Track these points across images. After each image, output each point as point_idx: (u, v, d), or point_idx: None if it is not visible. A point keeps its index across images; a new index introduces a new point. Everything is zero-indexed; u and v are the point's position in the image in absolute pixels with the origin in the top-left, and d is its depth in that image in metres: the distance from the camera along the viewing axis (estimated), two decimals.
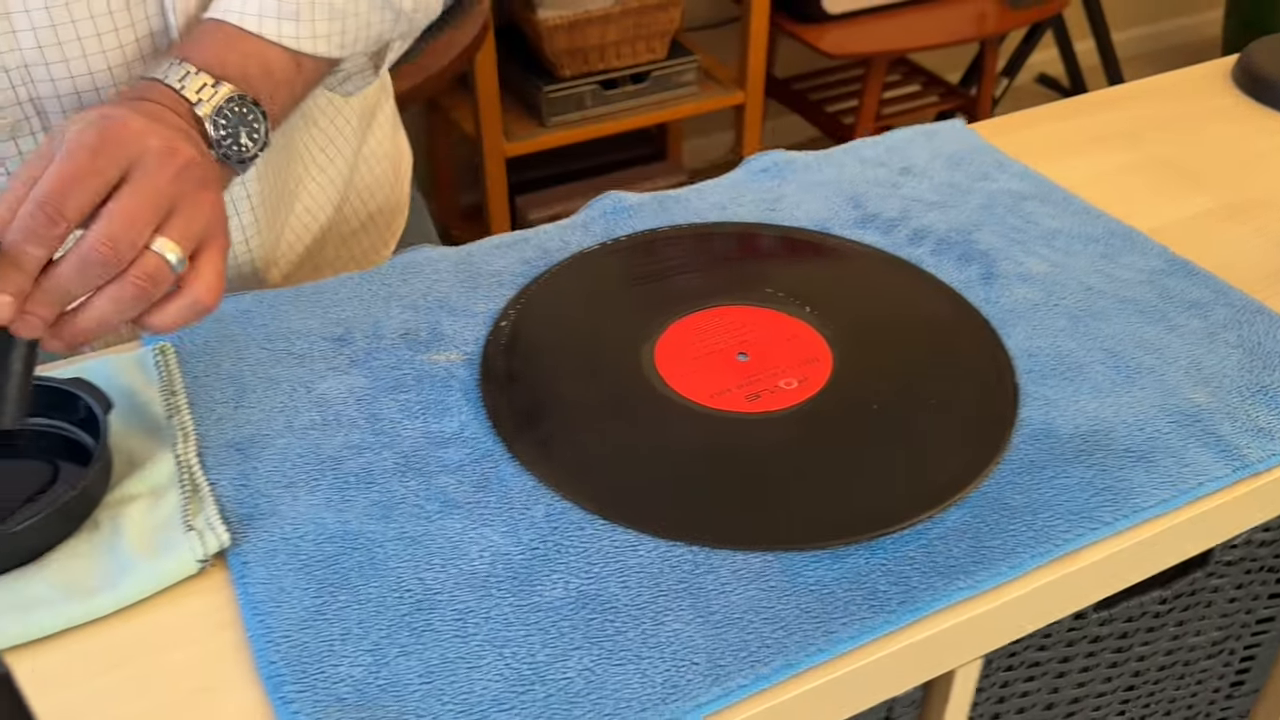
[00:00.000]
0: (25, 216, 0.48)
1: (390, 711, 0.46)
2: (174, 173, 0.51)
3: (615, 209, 0.77)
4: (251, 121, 0.58)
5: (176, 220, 0.52)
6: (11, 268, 0.49)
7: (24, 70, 0.59)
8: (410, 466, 0.58)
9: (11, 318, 0.49)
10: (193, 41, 0.59)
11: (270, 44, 0.60)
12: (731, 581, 0.51)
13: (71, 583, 0.51)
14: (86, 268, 0.49)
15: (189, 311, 0.53)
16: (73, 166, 0.49)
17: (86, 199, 0.49)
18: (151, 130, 0.52)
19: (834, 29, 2.08)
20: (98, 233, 0.49)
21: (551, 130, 1.99)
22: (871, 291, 0.70)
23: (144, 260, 0.50)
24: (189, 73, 0.57)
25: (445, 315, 0.68)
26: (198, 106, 0.57)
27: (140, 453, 0.58)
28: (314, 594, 0.51)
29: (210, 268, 0.54)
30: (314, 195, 0.79)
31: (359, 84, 0.71)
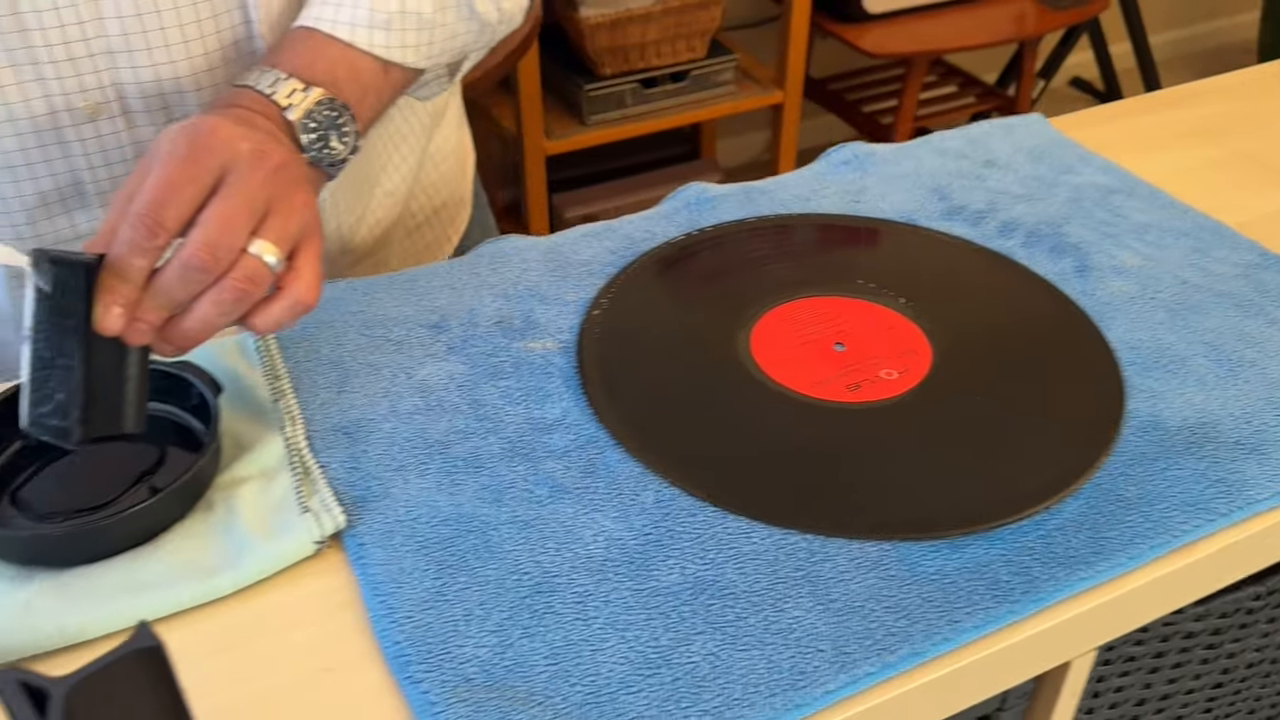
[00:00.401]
0: (127, 229, 0.49)
1: (519, 692, 0.46)
2: (266, 175, 0.52)
3: (699, 200, 0.77)
4: (341, 125, 0.58)
5: (273, 221, 0.52)
6: (118, 279, 0.49)
7: (109, 56, 0.60)
8: (517, 452, 0.58)
9: (123, 327, 0.50)
10: (282, 49, 0.60)
11: (360, 53, 0.60)
12: (850, 570, 0.51)
13: (190, 563, 0.51)
14: (188, 274, 0.50)
15: (291, 311, 0.54)
16: (168, 177, 0.50)
17: (184, 208, 0.50)
18: (242, 135, 0.52)
19: (874, 29, 2.08)
20: (196, 240, 0.50)
21: (591, 129, 1.99)
22: (966, 283, 0.69)
23: (243, 263, 0.51)
24: (279, 78, 0.57)
25: (537, 303, 0.68)
26: (288, 111, 0.57)
27: (247, 435, 0.58)
28: (433, 575, 0.51)
29: (309, 267, 0.54)
30: (386, 190, 0.79)
31: (435, 90, 0.71)
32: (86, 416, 0.51)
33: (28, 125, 0.60)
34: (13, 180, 0.62)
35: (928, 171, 0.79)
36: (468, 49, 0.67)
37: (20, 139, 0.60)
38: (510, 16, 0.68)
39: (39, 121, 0.60)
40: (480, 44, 0.68)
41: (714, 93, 2.04)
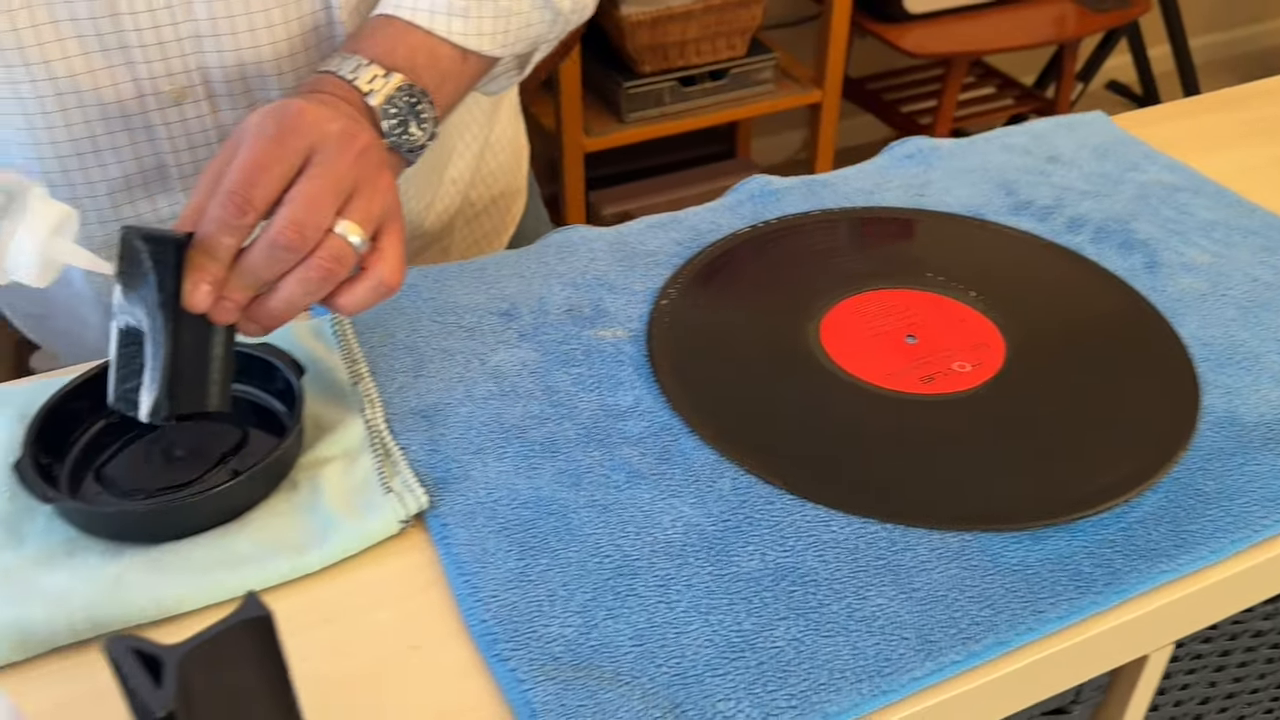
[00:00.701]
0: (216, 207, 0.49)
1: (605, 671, 0.46)
2: (354, 156, 0.52)
3: (762, 192, 0.77)
4: (420, 111, 0.59)
5: (358, 202, 0.52)
6: (206, 257, 0.50)
7: (195, 40, 0.61)
8: (592, 437, 0.58)
9: (210, 305, 0.51)
10: (363, 36, 0.60)
11: (439, 40, 0.61)
12: (931, 560, 0.51)
13: (278, 540, 0.51)
14: (275, 252, 0.50)
15: (375, 292, 0.54)
16: (256, 156, 0.50)
17: (272, 187, 0.50)
18: (329, 117, 0.52)
19: (915, 29, 2.07)
20: (283, 218, 0.50)
21: (630, 126, 1.99)
22: (1037, 277, 0.69)
23: (328, 243, 0.51)
24: (360, 64, 0.58)
25: (606, 292, 0.69)
26: (369, 97, 0.57)
27: (326, 417, 0.58)
28: (516, 556, 0.51)
29: (392, 249, 0.54)
30: (451, 178, 0.80)
31: (504, 84, 0.72)
32: (172, 393, 0.51)
33: (115, 109, 0.61)
34: (99, 164, 0.63)
35: (993, 166, 0.79)
36: (541, 39, 0.68)
37: (107, 123, 0.61)
38: (583, 6, 0.68)
39: (126, 105, 0.61)
40: (553, 34, 0.68)
41: (753, 91, 2.04)
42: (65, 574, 0.49)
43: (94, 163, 0.63)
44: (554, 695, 0.45)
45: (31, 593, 0.48)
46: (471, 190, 0.83)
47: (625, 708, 0.45)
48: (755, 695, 0.45)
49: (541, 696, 0.45)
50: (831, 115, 2.09)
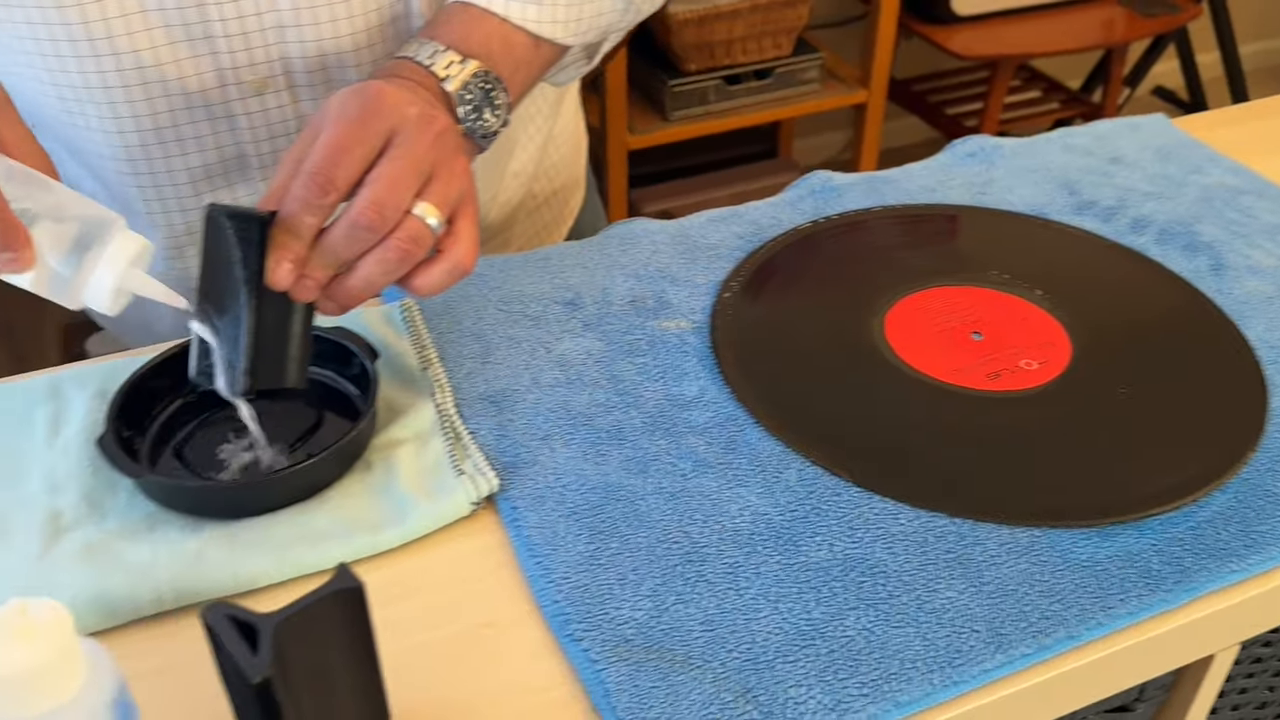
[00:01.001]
0: (298, 187, 0.50)
1: (676, 654, 0.47)
2: (432, 139, 0.53)
3: (824, 188, 0.77)
4: (494, 97, 0.60)
5: (436, 185, 0.53)
6: (289, 235, 0.51)
7: (278, 30, 0.62)
8: (658, 426, 0.59)
9: (291, 283, 0.51)
10: (439, 23, 0.61)
11: (513, 27, 0.61)
12: (1000, 554, 0.51)
13: (355, 518, 0.52)
14: (355, 232, 0.51)
15: (450, 274, 0.54)
16: (339, 138, 0.51)
17: (353, 168, 0.51)
18: (409, 100, 0.53)
19: (962, 31, 2.07)
20: (364, 199, 0.51)
21: (673, 124, 2.00)
22: (1101, 277, 0.69)
23: (406, 224, 0.52)
24: (437, 50, 0.58)
25: (669, 284, 0.69)
26: (445, 82, 0.58)
27: (397, 400, 0.59)
28: (586, 540, 0.52)
29: (467, 231, 0.55)
30: (514, 171, 0.81)
31: (573, 74, 0.72)
32: (251, 368, 0.53)
33: (199, 99, 0.62)
34: (180, 152, 0.64)
35: (1055, 166, 0.79)
36: (612, 28, 0.68)
37: (190, 112, 0.62)
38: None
39: (209, 95, 0.62)
40: (624, 24, 0.69)
41: (798, 91, 2.04)
42: (147, 547, 0.50)
43: (176, 151, 0.64)
44: (627, 676, 0.46)
45: (116, 565, 0.49)
46: (534, 183, 0.84)
47: (697, 690, 0.45)
48: (826, 682, 0.46)
49: (615, 677, 0.46)
50: (876, 116, 2.09)
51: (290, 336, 0.54)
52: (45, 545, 0.50)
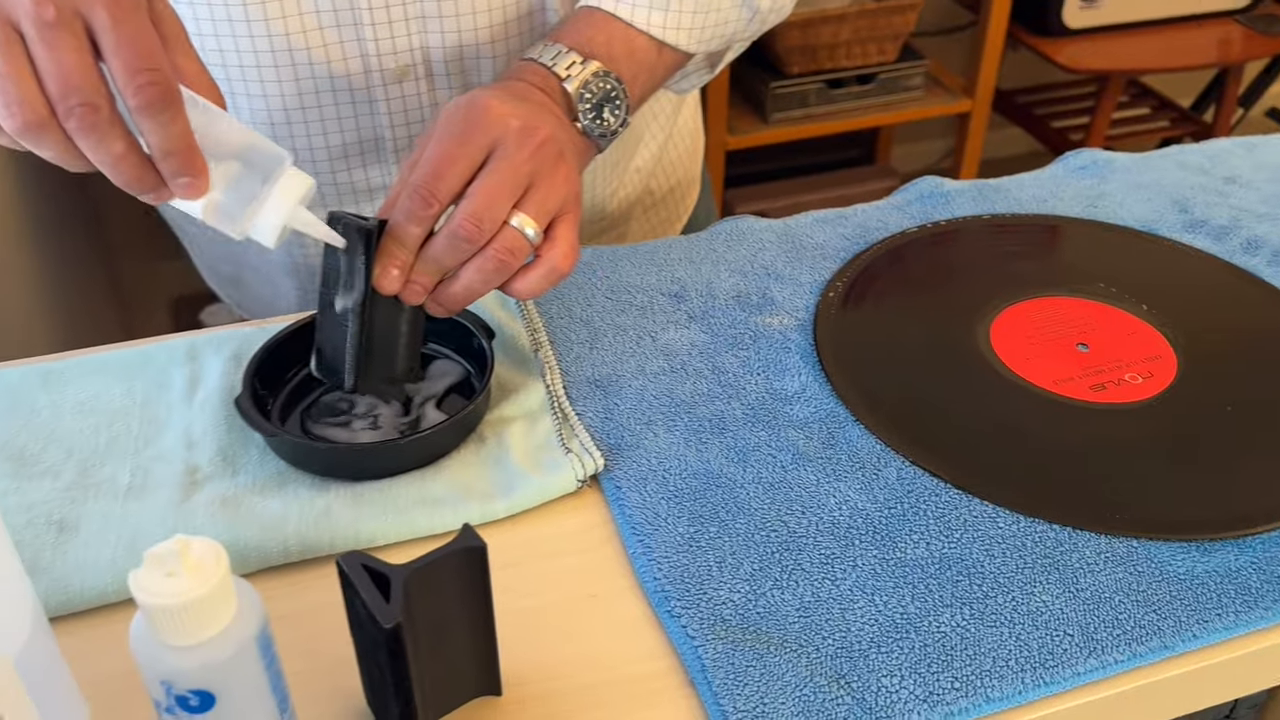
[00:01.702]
0: (404, 199, 0.53)
1: (772, 638, 0.48)
2: (531, 151, 0.55)
3: (932, 193, 0.78)
4: (614, 98, 0.61)
5: (534, 196, 0.55)
6: (396, 244, 0.54)
7: (421, 21, 0.65)
8: (758, 418, 0.60)
9: (399, 288, 0.55)
10: (565, 27, 0.63)
11: (637, 31, 0.63)
12: (1097, 562, 0.52)
13: (468, 487, 0.55)
14: (455, 243, 0.54)
15: (547, 279, 0.57)
16: (444, 152, 0.53)
17: (455, 181, 0.54)
18: (512, 112, 0.55)
19: (1072, 44, 2.03)
20: (463, 212, 0.53)
21: (773, 126, 2.00)
22: (1211, 295, 0.69)
23: (504, 235, 0.54)
24: (560, 51, 0.61)
25: (773, 281, 0.71)
26: (566, 82, 0.60)
27: (509, 380, 0.62)
28: (687, 522, 0.54)
29: (565, 237, 0.57)
30: (635, 166, 0.83)
31: (694, 82, 0.74)
32: (362, 367, 0.56)
33: (343, 83, 0.66)
34: (322, 132, 0.68)
35: (1168, 183, 0.79)
36: (736, 37, 0.70)
37: (335, 95, 0.66)
38: (781, 6, 0.70)
39: (354, 80, 0.66)
40: (748, 33, 0.70)
41: (901, 97, 2.03)
42: (278, 502, 0.53)
43: (318, 130, 0.67)
44: (723, 653, 0.47)
45: (249, 517, 0.52)
46: (652, 179, 0.86)
47: (792, 672, 0.47)
48: (919, 674, 0.47)
49: (711, 653, 0.47)
50: (980, 126, 2.07)
51: (399, 336, 0.57)
52: (184, 496, 0.54)
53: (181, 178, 0.47)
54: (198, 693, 0.36)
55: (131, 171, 0.46)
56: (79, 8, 0.43)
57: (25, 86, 0.43)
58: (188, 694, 0.36)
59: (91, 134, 0.44)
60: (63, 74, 0.43)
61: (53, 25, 0.43)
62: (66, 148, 0.45)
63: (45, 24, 0.43)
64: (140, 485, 0.54)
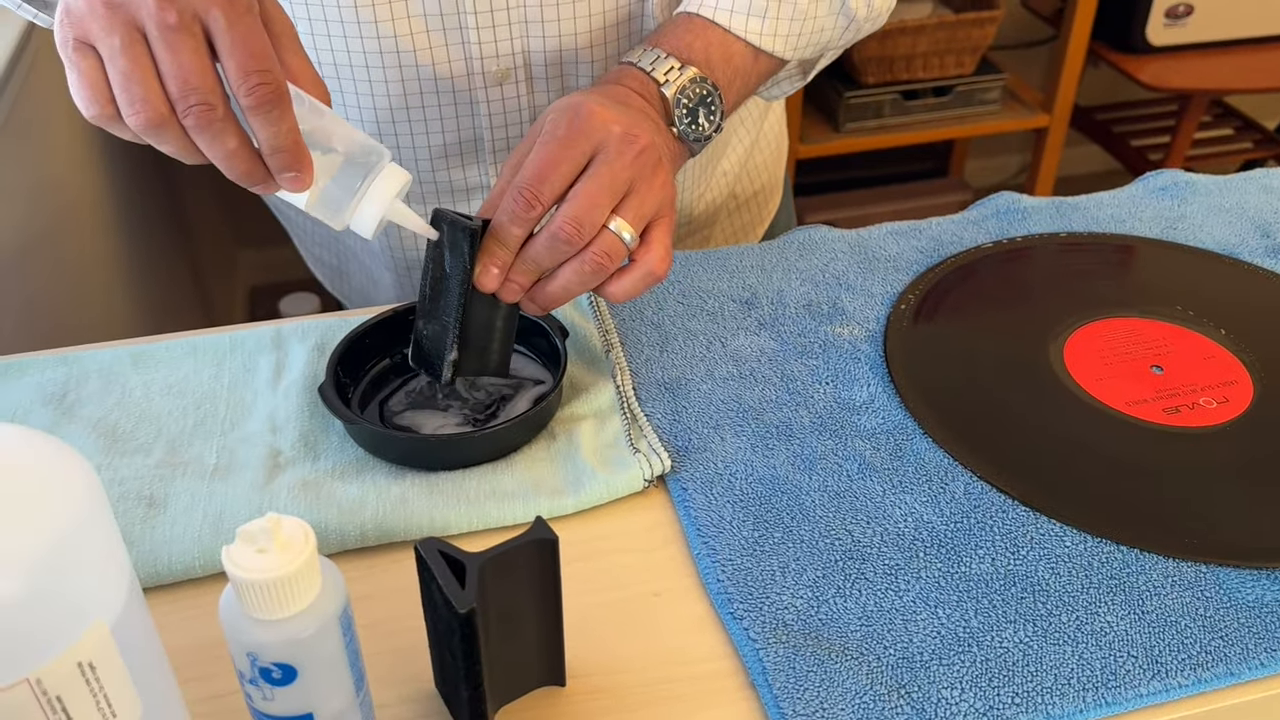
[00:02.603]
0: (508, 200, 0.55)
1: (833, 644, 0.49)
2: (632, 157, 0.56)
3: (1009, 209, 0.78)
4: (710, 103, 0.62)
5: (632, 201, 0.56)
6: (497, 244, 0.55)
7: (523, 25, 0.66)
8: (826, 427, 0.61)
9: (497, 286, 0.56)
10: (664, 31, 0.64)
11: (735, 37, 0.64)
12: (1164, 586, 0.51)
13: (538, 482, 0.56)
14: (555, 244, 0.55)
15: (643, 282, 0.58)
16: (548, 155, 0.55)
17: (558, 184, 0.55)
18: (615, 118, 0.56)
19: (1155, 61, 2.00)
20: (564, 214, 0.54)
21: (846, 136, 2.00)
22: None
23: (602, 238, 0.55)
24: (659, 56, 0.62)
25: (844, 292, 0.71)
26: (664, 87, 0.61)
27: (581, 378, 0.63)
28: (751, 526, 0.54)
29: (659, 242, 0.58)
30: (723, 170, 0.83)
31: (786, 89, 0.74)
32: (460, 359, 0.57)
33: (446, 85, 0.67)
34: (424, 132, 0.70)
35: (1251, 207, 0.78)
36: (830, 45, 0.70)
37: (438, 96, 0.68)
38: (878, 15, 0.70)
39: (456, 82, 0.68)
40: (843, 41, 0.70)
41: (976, 110, 2.01)
42: (356, 488, 0.55)
43: (420, 130, 0.69)
44: (785, 657, 0.48)
45: (329, 501, 0.54)
46: (738, 183, 0.86)
47: (852, 680, 0.47)
48: (980, 688, 0.47)
49: (773, 657, 0.48)
50: (1057, 142, 2.04)
51: (494, 332, 0.58)
52: (267, 477, 0.56)
53: (287, 172, 0.49)
54: (281, 666, 0.38)
55: (243, 166, 0.48)
56: (197, 10, 0.46)
57: (148, 86, 0.46)
58: (271, 666, 0.38)
59: (207, 131, 0.47)
60: (182, 75, 0.46)
61: (174, 28, 0.45)
62: (184, 143, 0.48)
63: (167, 27, 0.45)
64: (226, 465, 0.57)
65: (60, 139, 1.09)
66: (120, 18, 0.46)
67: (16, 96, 0.98)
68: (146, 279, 1.32)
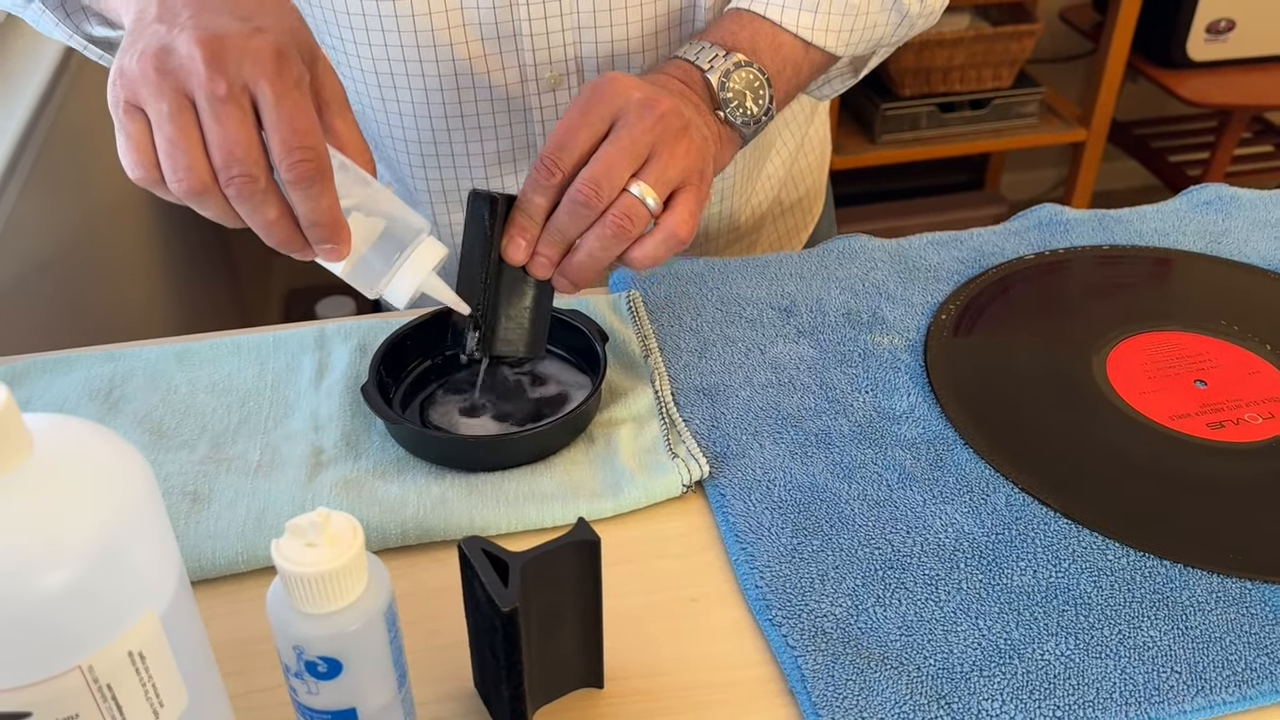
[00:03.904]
0: (531, 171, 0.55)
1: (872, 653, 0.49)
2: (652, 122, 0.55)
3: (1051, 220, 0.77)
4: (758, 88, 0.62)
5: (653, 165, 0.56)
6: (523, 215, 0.56)
7: (576, 31, 0.66)
8: (865, 436, 0.60)
9: (524, 258, 0.56)
10: (713, 26, 0.64)
11: (784, 30, 0.64)
12: (1208, 601, 0.51)
13: (576, 484, 0.56)
14: (574, 209, 0.55)
15: (666, 245, 0.57)
16: (569, 123, 0.55)
17: (578, 151, 0.55)
18: (635, 85, 0.56)
19: (1195, 77, 1.98)
20: (582, 177, 0.55)
21: (881, 147, 1.99)
22: None
23: (621, 201, 0.55)
24: (704, 47, 0.62)
25: (884, 301, 0.71)
26: (708, 73, 0.61)
27: (619, 383, 0.63)
28: (790, 534, 0.54)
29: (684, 206, 0.57)
30: (768, 173, 0.83)
31: (837, 87, 0.74)
32: (490, 336, 0.58)
33: (500, 93, 0.68)
34: (479, 140, 0.70)
35: None
36: (882, 42, 0.69)
37: (492, 104, 0.68)
38: (931, 12, 0.70)
39: (510, 89, 0.68)
40: (895, 38, 0.70)
41: (1014, 124, 2.00)
42: (397, 487, 0.55)
43: (475, 138, 0.70)
44: (823, 665, 0.48)
45: (370, 499, 0.55)
46: (783, 188, 0.86)
47: (891, 689, 0.47)
48: (1020, 700, 0.47)
49: (811, 664, 0.48)
50: (1094, 157, 2.03)
51: (525, 310, 0.58)
52: (309, 475, 0.56)
53: (325, 244, 0.50)
54: (327, 659, 0.38)
55: (281, 235, 0.49)
56: (247, 81, 0.46)
57: (194, 155, 0.46)
58: (317, 660, 0.38)
59: (248, 202, 0.48)
60: (227, 146, 0.46)
61: (223, 99, 0.46)
62: (225, 210, 0.49)
63: (216, 98, 0.46)
64: (269, 463, 0.57)
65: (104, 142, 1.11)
66: (170, 84, 0.46)
67: (64, 101, 0.99)
68: (184, 281, 1.34)
